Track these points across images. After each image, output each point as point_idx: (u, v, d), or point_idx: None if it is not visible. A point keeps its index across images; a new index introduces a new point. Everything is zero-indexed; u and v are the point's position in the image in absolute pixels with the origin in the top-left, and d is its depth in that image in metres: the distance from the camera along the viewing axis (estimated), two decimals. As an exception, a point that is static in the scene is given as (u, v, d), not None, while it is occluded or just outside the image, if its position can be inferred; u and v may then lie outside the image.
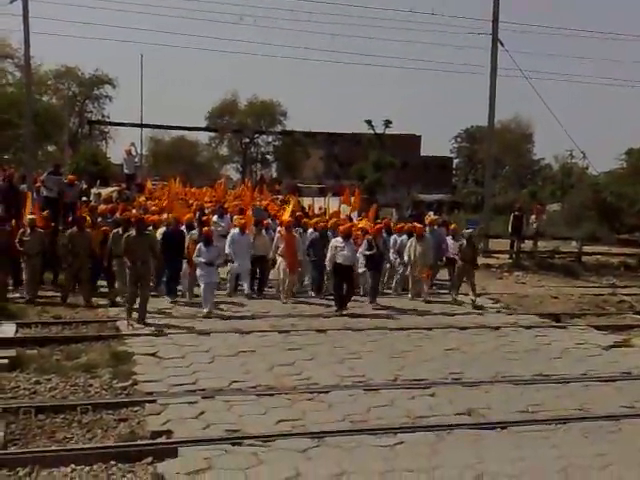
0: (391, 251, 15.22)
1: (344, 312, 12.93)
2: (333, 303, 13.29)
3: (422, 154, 57.92)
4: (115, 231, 12.90)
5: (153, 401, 7.60)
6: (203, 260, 12.54)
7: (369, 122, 45.33)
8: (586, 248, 23.05)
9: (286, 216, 15.60)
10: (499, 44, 22.19)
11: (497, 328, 12.09)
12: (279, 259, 14.12)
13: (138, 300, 11.49)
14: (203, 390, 8.05)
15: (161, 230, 13.77)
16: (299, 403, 7.73)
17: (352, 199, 21.15)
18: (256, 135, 57.49)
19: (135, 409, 7.41)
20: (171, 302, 13.15)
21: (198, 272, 12.67)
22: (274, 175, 56.46)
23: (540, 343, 11.20)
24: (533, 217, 24.30)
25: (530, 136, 59.26)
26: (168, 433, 6.73)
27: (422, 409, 7.69)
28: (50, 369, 8.68)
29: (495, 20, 22.27)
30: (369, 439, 6.73)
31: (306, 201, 24.69)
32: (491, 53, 22.28)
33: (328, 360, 9.59)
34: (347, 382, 8.59)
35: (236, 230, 14.03)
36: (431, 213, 25.82)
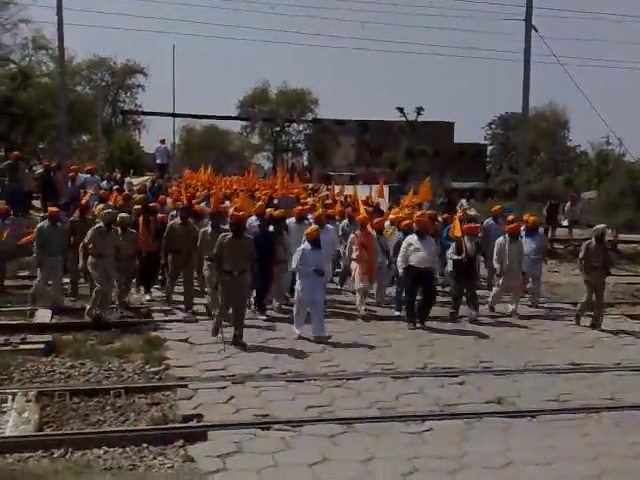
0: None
1: (418, 326, 10.75)
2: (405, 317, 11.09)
3: (455, 141, 57.32)
4: (204, 230, 11.12)
5: (184, 386, 7.72)
6: (312, 268, 9.85)
7: (401, 109, 45.10)
8: (622, 236, 22.61)
9: (362, 213, 12.69)
10: (533, 30, 21.76)
11: (529, 318, 11.94)
12: (354, 266, 11.82)
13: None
14: (233, 376, 8.14)
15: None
16: (328, 390, 7.77)
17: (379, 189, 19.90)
18: (287, 124, 57.50)
19: (167, 393, 7.55)
20: (265, 320, 10.92)
21: (299, 285, 10.02)
22: (305, 163, 56.48)
23: (573, 332, 11.04)
24: (568, 205, 23.91)
25: (565, 123, 58.18)
26: (199, 417, 6.84)
27: (451, 397, 7.67)
28: (84, 354, 8.88)
29: (529, 5, 21.82)
30: (397, 426, 6.75)
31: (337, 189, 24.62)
32: (525, 39, 21.84)
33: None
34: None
35: (305, 243, 10.13)
36: (464, 201, 25.61)
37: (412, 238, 10.86)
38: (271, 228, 11.30)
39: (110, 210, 11.65)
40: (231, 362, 8.68)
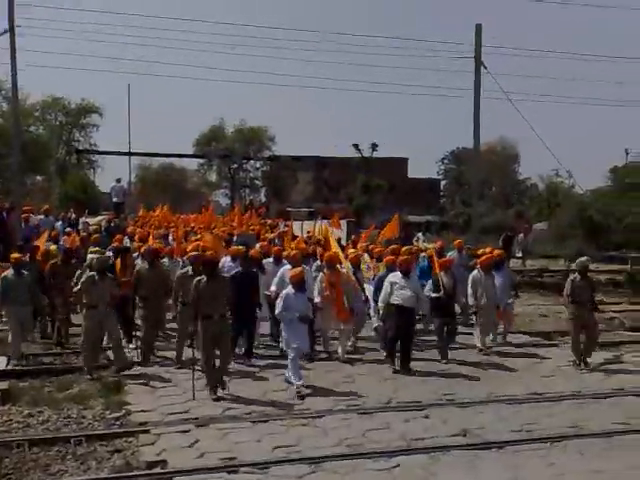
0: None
1: (403, 371, 10.23)
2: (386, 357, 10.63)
3: (410, 176, 58.28)
4: (184, 271, 10.66)
5: (147, 431, 7.55)
6: (296, 314, 9.27)
7: (356, 146, 45.74)
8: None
9: (333, 248, 12.26)
10: (482, 67, 22.52)
11: (488, 347, 12.07)
12: (322, 307, 10.92)
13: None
14: (196, 419, 8.00)
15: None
16: (294, 429, 7.70)
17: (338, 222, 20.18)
18: (244, 161, 57.68)
19: (129, 440, 7.37)
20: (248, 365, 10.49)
21: (285, 333, 9.50)
22: (263, 200, 56.58)
23: (531, 362, 11.23)
24: (521, 236, 24.54)
25: (516, 156, 59.82)
26: (163, 463, 6.69)
27: (417, 431, 7.68)
28: (42, 401, 8.62)
29: (478, 44, 22.62)
30: (366, 463, 6.72)
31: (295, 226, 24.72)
32: (474, 76, 22.60)
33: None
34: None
35: (289, 287, 9.56)
36: (420, 234, 26.03)
37: (396, 276, 10.48)
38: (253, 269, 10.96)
39: (100, 255, 10.93)
40: (193, 405, 8.52)
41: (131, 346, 11.23)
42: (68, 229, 18.41)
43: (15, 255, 11.29)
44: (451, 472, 6.51)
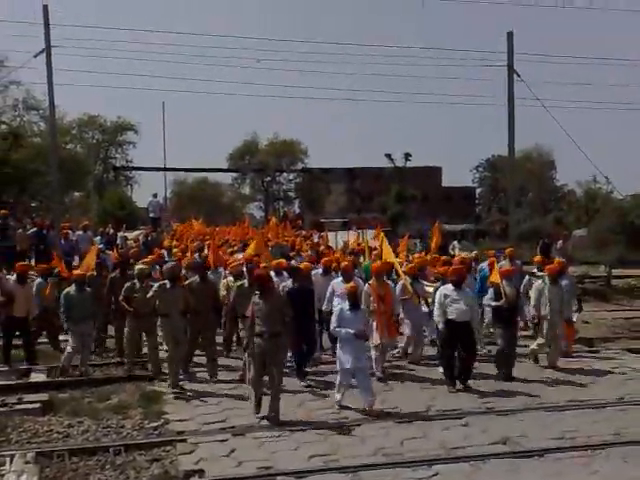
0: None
1: (459, 388, 9.59)
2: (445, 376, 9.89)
3: (444, 185, 57.95)
4: (240, 283, 10.05)
5: (184, 440, 7.59)
6: (351, 331, 8.49)
7: (389, 156, 45.68)
8: (615, 272, 22.73)
9: (389, 258, 11.66)
10: (515, 75, 22.28)
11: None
12: (370, 321, 10.03)
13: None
14: (233, 427, 8.02)
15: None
16: (331, 438, 7.65)
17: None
18: (277, 173, 58.11)
19: (167, 449, 7.42)
20: (302, 385, 9.85)
21: (340, 351, 8.75)
22: (297, 211, 56.84)
23: (574, 368, 10.98)
24: (560, 243, 24.10)
25: (552, 163, 59.03)
26: (201, 472, 6.72)
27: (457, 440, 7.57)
28: (82, 412, 8.73)
29: (510, 51, 22.40)
30: (404, 472, 6.63)
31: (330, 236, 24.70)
32: (507, 84, 22.36)
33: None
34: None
35: (345, 302, 8.97)
36: (455, 242, 25.75)
37: (447, 289, 9.79)
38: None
39: (173, 264, 10.87)
40: (230, 414, 8.55)
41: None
42: (105, 246, 18.70)
43: (77, 272, 11.42)
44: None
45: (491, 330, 11.64)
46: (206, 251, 16.50)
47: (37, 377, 10.47)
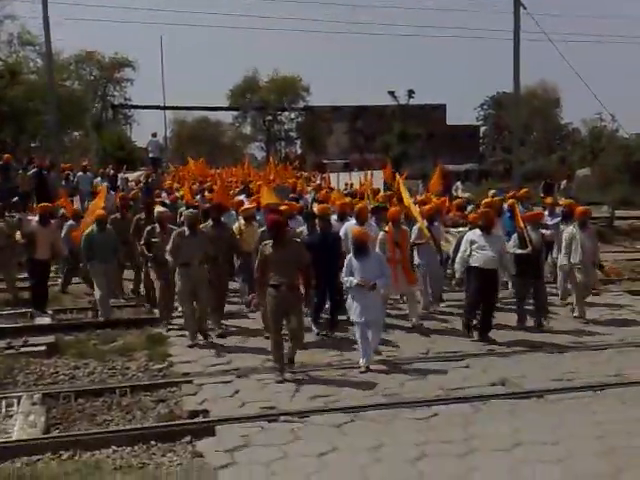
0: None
1: (483, 340, 9.23)
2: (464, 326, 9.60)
3: (448, 123, 57.19)
4: (262, 230, 9.63)
5: (189, 382, 7.71)
6: (355, 280, 7.99)
7: (392, 93, 44.79)
8: (618, 212, 22.63)
9: (407, 202, 11.09)
10: (522, 7, 21.63)
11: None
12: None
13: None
14: (237, 369, 8.14)
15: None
16: (332, 379, 7.76)
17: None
18: (279, 112, 57.26)
19: (172, 390, 7.55)
20: (318, 334, 9.61)
21: (350, 301, 8.25)
22: (298, 152, 56.32)
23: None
24: (564, 183, 23.92)
25: (557, 101, 58.00)
26: (205, 412, 6.84)
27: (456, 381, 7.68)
28: (88, 354, 8.86)
29: (517, -18, 21.67)
30: (404, 412, 6.75)
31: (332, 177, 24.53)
32: (514, 16, 21.74)
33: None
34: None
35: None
36: (459, 183, 25.60)
37: (475, 234, 9.28)
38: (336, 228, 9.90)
39: (192, 210, 10.29)
40: (234, 357, 8.66)
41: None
42: (105, 183, 18.60)
43: (100, 212, 10.93)
44: (490, 421, 6.49)
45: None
46: (207, 193, 16.40)
47: (42, 320, 10.55)
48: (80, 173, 20.27)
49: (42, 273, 11.20)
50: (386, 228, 10.02)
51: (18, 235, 11.34)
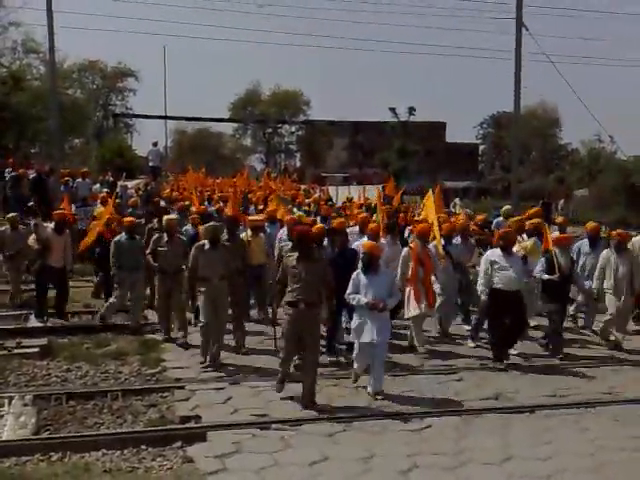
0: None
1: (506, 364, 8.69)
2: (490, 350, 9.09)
3: (447, 141, 57.44)
4: (283, 245, 9.27)
5: (182, 387, 7.70)
6: (365, 300, 7.35)
7: (393, 110, 45.11)
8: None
9: (431, 218, 10.21)
10: (523, 28, 21.81)
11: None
12: (407, 288, 9.12)
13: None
14: (230, 376, 8.11)
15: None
16: (326, 388, 7.74)
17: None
18: (279, 125, 57.53)
19: (164, 395, 7.53)
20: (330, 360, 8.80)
21: (354, 322, 7.60)
22: (297, 165, 56.52)
23: (569, 327, 11.03)
24: (562, 202, 24.04)
25: (557, 121, 58.36)
26: (197, 418, 6.81)
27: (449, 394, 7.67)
28: (80, 357, 8.83)
29: (519, 3, 21.88)
30: (396, 424, 6.73)
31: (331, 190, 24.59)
32: (515, 37, 21.91)
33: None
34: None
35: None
36: (457, 200, 25.70)
37: (494, 254, 8.81)
38: (354, 245, 9.20)
39: (214, 223, 9.53)
40: (227, 362, 8.63)
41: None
42: (105, 190, 18.61)
43: (129, 218, 10.81)
44: (482, 434, 6.48)
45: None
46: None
47: (36, 322, 10.51)
48: (79, 179, 20.28)
49: (55, 281, 10.98)
50: (411, 244, 9.49)
51: (31, 240, 11.27)
